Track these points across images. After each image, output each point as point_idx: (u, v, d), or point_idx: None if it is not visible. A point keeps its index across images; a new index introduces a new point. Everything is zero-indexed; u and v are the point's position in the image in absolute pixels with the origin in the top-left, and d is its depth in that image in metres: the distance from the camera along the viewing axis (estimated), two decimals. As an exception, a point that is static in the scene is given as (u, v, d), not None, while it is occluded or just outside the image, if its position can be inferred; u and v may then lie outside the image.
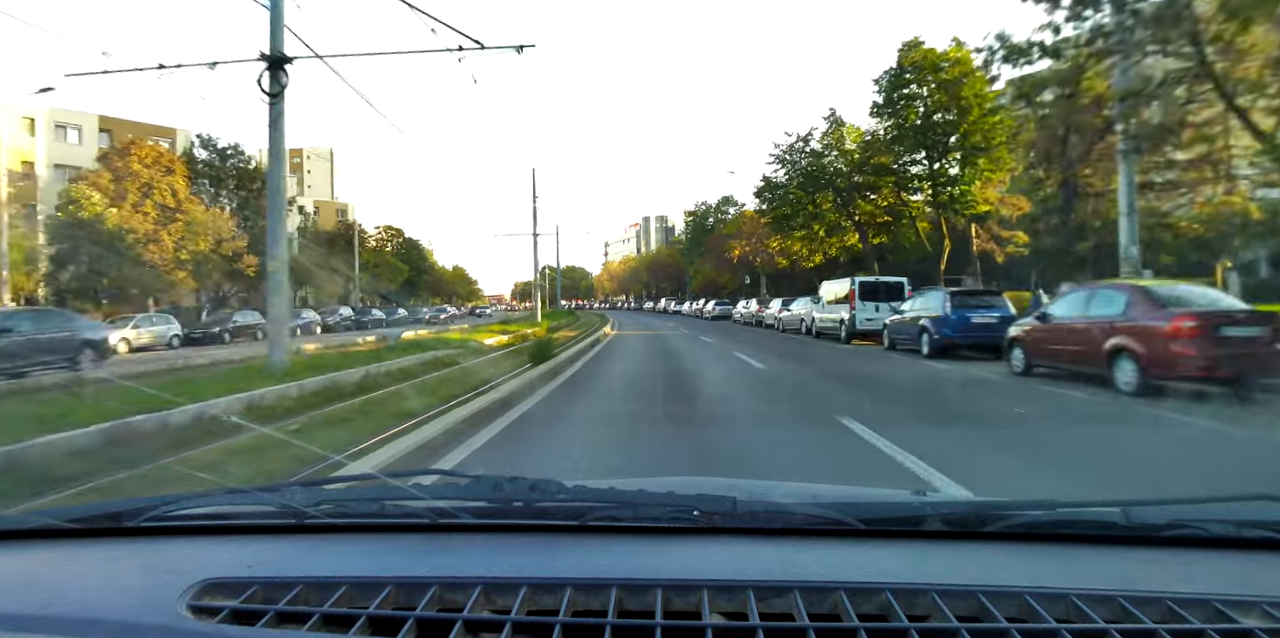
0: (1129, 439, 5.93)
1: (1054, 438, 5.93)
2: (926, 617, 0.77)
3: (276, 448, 5.11)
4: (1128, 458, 4.96)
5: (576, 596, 0.80)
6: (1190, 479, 4.27)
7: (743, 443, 5.65)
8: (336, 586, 0.83)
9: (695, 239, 64.68)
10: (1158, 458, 4.98)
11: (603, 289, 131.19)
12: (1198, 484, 4.04)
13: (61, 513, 1.09)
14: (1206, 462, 4.84)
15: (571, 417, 7.31)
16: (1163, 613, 0.77)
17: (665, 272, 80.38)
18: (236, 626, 0.77)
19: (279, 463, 4.77)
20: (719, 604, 0.79)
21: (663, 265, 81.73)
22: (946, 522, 1.00)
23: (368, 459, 4.57)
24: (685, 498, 1.00)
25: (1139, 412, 7.02)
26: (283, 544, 1.02)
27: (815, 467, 4.68)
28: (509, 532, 1.02)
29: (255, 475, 4.41)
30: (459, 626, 0.74)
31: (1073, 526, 1.00)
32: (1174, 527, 0.96)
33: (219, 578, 0.86)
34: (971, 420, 6.80)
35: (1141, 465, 4.72)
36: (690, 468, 4.35)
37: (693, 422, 6.75)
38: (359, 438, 5.69)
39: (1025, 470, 4.62)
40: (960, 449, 5.20)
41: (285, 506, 1.04)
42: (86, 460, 5.00)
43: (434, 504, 1.02)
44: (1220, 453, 5.23)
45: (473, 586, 0.82)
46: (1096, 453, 5.13)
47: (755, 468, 4.58)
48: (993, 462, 4.86)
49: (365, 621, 0.77)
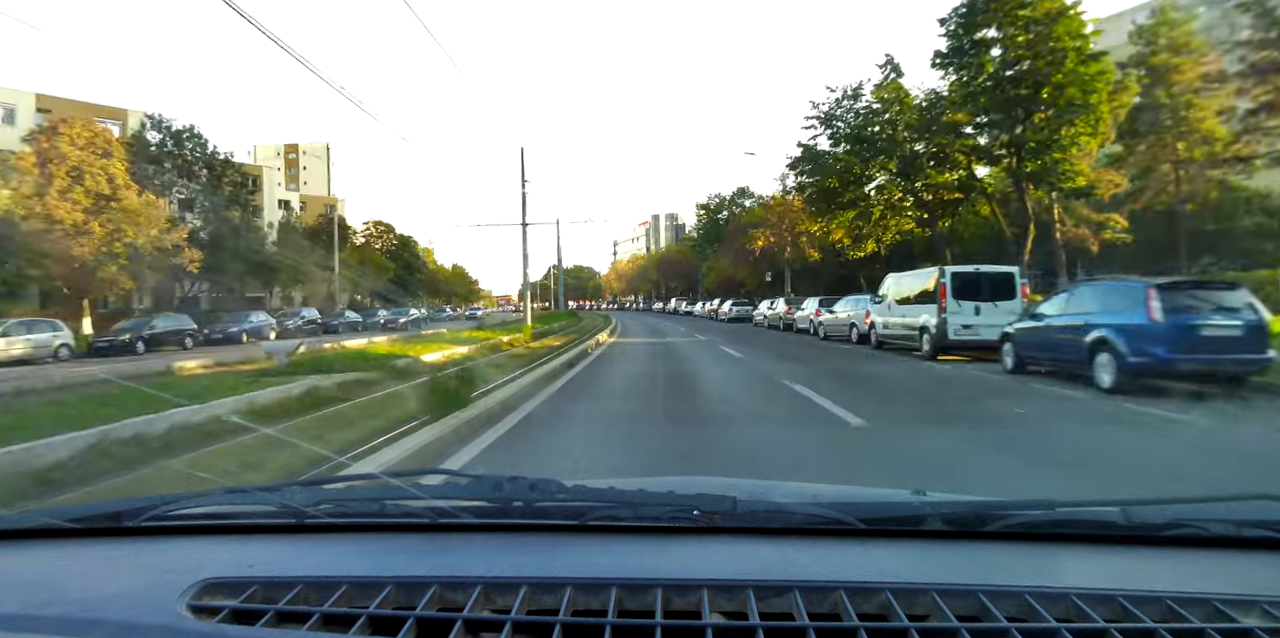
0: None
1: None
2: (926, 616, 0.77)
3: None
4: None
5: (576, 595, 0.80)
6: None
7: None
8: (336, 585, 0.83)
9: (709, 234, 59.02)
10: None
11: (610, 289, 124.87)
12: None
13: (61, 513, 1.09)
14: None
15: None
16: (1163, 612, 0.77)
17: (676, 270, 74.96)
18: (236, 625, 0.77)
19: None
20: (719, 604, 0.79)
21: (673, 263, 75.83)
22: (946, 522, 0.99)
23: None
24: (685, 498, 1.01)
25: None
26: (283, 544, 1.03)
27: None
28: (509, 531, 1.02)
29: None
30: (459, 625, 0.75)
31: (1072, 525, 1.00)
32: (1174, 526, 0.96)
33: (219, 578, 0.86)
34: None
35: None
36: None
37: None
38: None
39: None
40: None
41: (285, 505, 1.04)
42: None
43: (434, 504, 1.02)
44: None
45: (473, 585, 0.82)
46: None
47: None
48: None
49: (365, 620, 0.77)
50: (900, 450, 5.29)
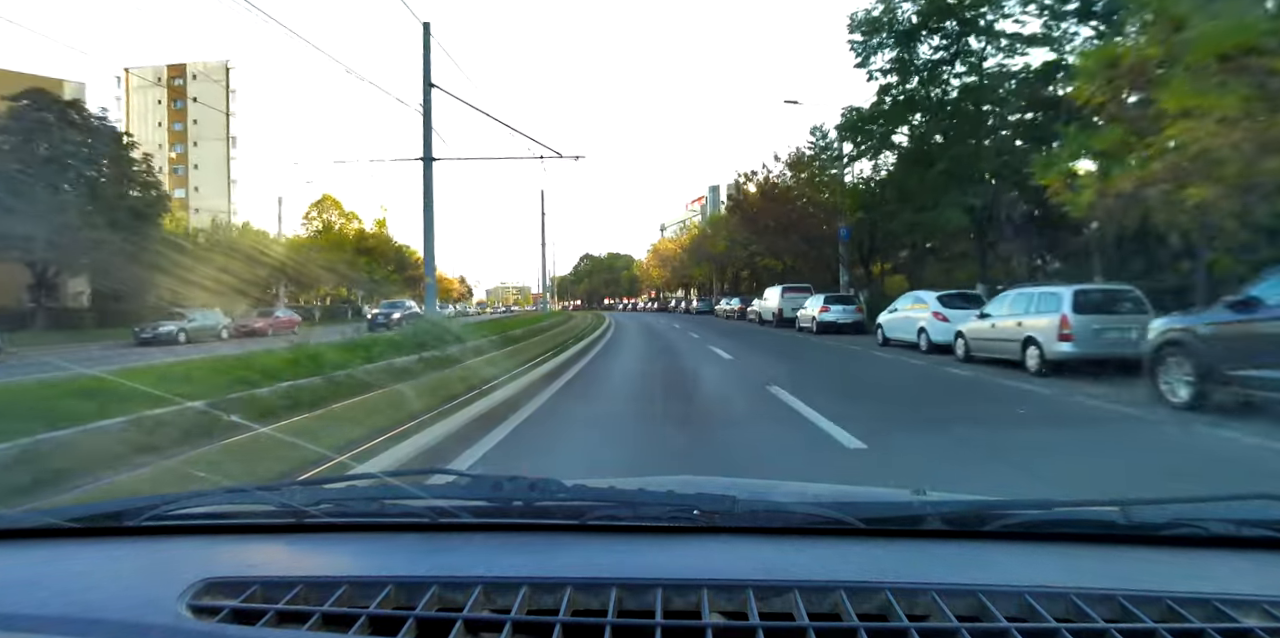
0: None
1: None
2: (926, 616, 0.77)
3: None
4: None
5: (576, 595, 0.80)
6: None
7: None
8: (336, 585, 0.83)
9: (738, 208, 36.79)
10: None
11: (650, 281, 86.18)
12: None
13: (62, 512, 1.09)
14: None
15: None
16: (1162, 612, 0.77)
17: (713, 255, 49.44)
18: (237, 625, 0.78)
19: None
20: (719, 604, 0.79)
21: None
22: (946, 521, 1.00)
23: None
24: (685, 497, 1.01)
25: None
26: (283, 544, 1.03)
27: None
28: (509, 531, 1.03)
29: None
30: (459, 625, 0.75)
31: (1072, 525, 1.00)
32: (1174, 526, 0.96)
33: (219, 577, 0.86)
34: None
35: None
36: None
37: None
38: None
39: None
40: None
41: (285, 505, 1.05)
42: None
43: (434, 504, 1.02)
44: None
45: (473, 585, 0.82)
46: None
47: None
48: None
49: (365, 620, 0.77)
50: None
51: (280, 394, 6.28)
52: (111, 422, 4.62)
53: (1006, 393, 8.49)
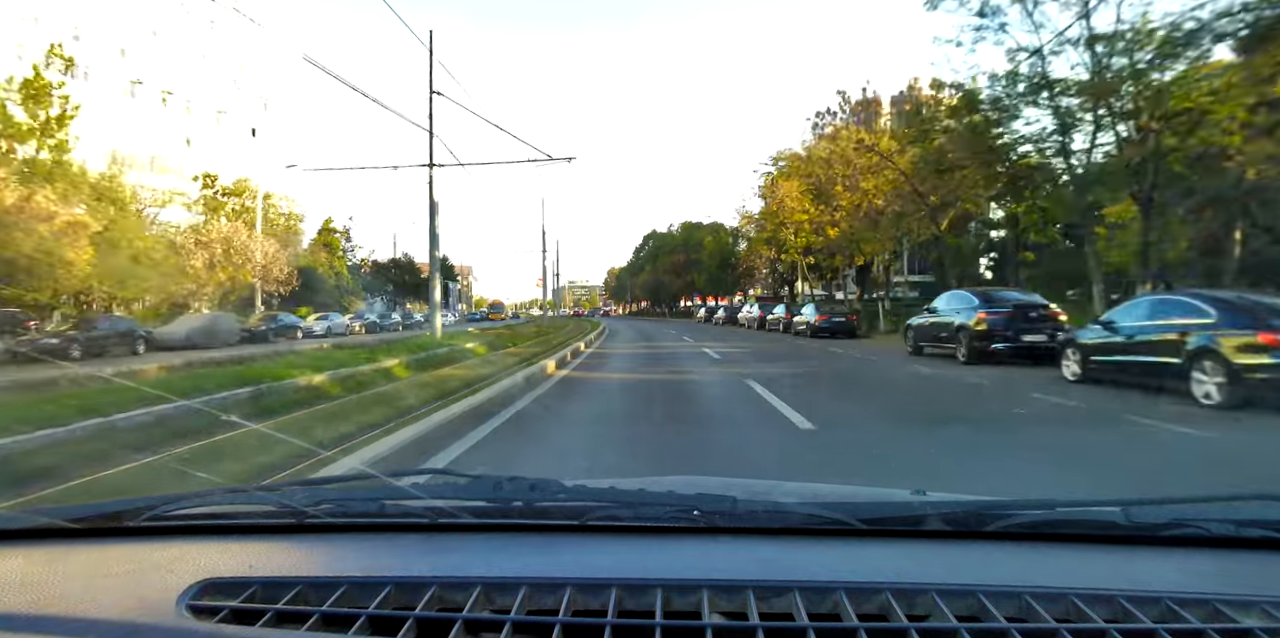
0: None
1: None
2: (926, 617, 0.77)
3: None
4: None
5: (576, 595, 0.80)
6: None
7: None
8: (336, 585, 0.83)
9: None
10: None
11: (780, 244, 59.18)
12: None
13: (61, 512, 1.09)
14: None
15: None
16: (1162, 613, 0.77)
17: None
18: (236, 625, 0.77)
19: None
20: (719, 604, 0.79)
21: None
22: (946, 522, 1.00)
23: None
24: (685, 498, 1.01)
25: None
26: (282, 544, 1.03)
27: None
28: (509, 531, 1.03)
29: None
30: (459, 625, 0.75)
31: (1072, 525, 1.00)
32: (1174, 526, 0.96)
33: (219, 578, 0.86)
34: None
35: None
36: None
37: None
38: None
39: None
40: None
41: (285, 505, 1.05)
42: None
43: (433, 504, 1.02)
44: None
45: (473, 585, 0.82)
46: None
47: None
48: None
49: (365, 620, 0.77)
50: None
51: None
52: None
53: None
